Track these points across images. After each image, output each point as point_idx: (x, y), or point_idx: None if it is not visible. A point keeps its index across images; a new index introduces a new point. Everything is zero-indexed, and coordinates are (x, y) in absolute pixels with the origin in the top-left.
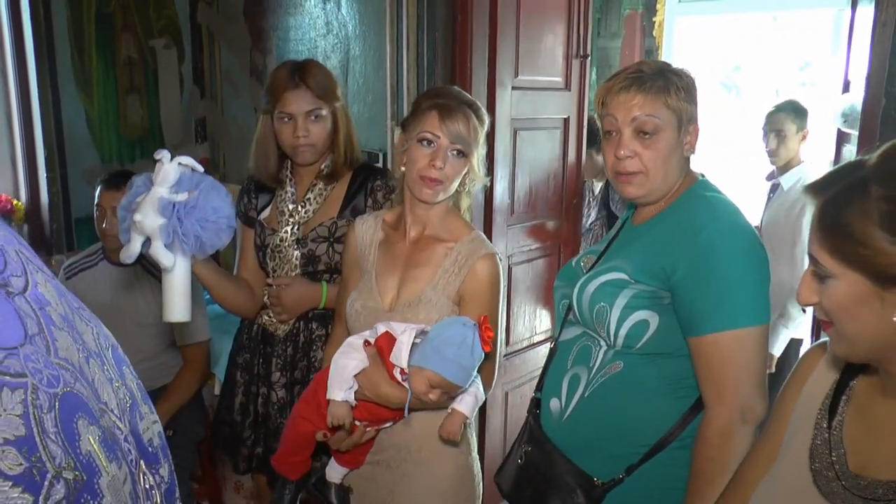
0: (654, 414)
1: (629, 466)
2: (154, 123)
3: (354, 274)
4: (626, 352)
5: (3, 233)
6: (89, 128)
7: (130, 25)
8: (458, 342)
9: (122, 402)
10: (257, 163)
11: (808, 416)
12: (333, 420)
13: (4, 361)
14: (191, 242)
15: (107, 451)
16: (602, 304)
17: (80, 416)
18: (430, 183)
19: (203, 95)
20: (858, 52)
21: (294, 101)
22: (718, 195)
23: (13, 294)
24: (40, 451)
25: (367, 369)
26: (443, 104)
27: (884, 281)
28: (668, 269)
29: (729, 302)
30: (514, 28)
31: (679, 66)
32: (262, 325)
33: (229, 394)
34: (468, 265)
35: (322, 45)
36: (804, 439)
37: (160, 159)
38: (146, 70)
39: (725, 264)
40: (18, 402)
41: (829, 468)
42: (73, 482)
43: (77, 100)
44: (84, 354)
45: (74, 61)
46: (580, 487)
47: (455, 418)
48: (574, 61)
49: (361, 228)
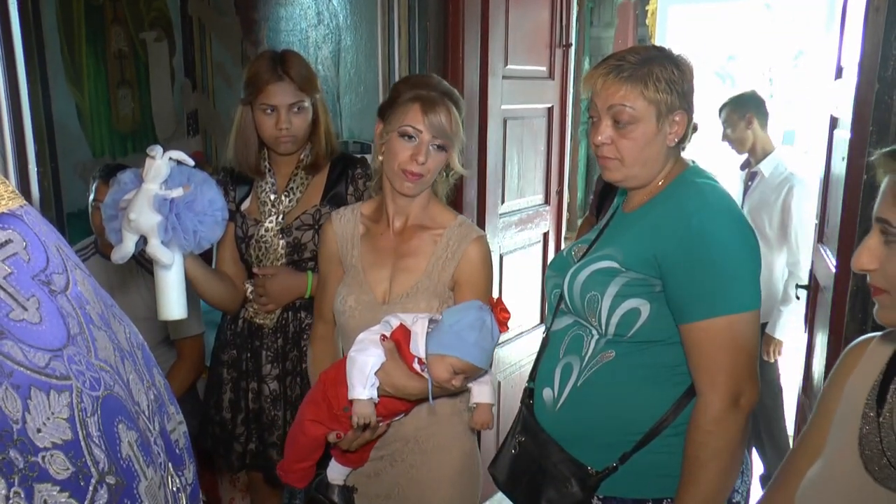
0: (646, 402)
1: (623, 454)
2: (146, 117)
3: (335, 270)
4: (617, 340)
5: (44, 228)
6: (80, 122)
7: (121, 18)
8: (478, 326)
9: (152, 403)
10: (237, 154)
11: (856, 407)
12: (360, 419)
13: (50, 364)
14: (190, 238)
15: (144, 455)
16: (593, 293)
17: (119, 419)
18: (411, 177)
19: (195, 88)
20: (851, 37)
21: (277, 93)
22: (709, 181)
23: (56, 293)
24: (85, 455)
25: (386, 364)
26: (425, 96)
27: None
28: (659, 257)
29: (720, 288)
30: (504, 17)
31: (677, 53)
32: (248, 319)
33: (216, 392)
34: (461, 250)
35: (313, 35)
36: (852, 429)
37: (153, 155)
38: (137, 63)
39: (716, 250)
40: (65, 406)
41: (881, 455)
42: (115, 487)
43: (68, 93)
44: (119, 355)
45: (64, 55)
46: (574, 476)
47: (484, 410)
48: (557, 50)
49: (339, 223)
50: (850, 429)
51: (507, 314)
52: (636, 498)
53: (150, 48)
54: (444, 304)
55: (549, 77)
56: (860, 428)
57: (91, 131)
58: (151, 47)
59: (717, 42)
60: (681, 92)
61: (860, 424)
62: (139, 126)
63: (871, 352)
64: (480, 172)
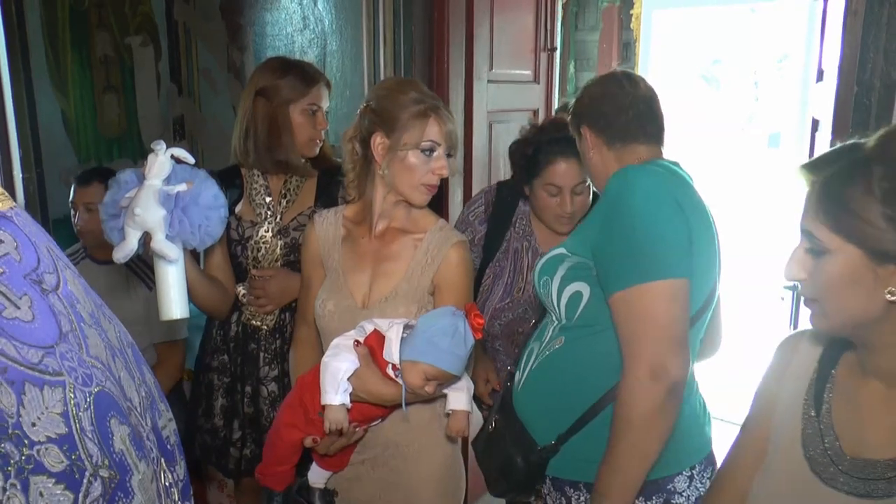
0: (585, 388)
1: (559, 435)
2: (132, 122)
3: (317, 273)
4: (567, 325)
5: (34, 229)
6: (66, 127)
7: (106, 23)
8: (451, 332)
9: (143, 400)
10: (274, 152)
11: (794, 407)
12: (332, 425)
13: (43, 360)
14: (196, 233)
15: (136, 449)
16: (545, 278)
17: (112, 414)
18: (431, 189)
19: (181, 93)
20: (831, 41)
21: (323, 96)
22: (643, 165)
23: (47, 292)
24: (79, 449)
25: (359, 370)
26: (435, 107)
27: (880, 257)
28: (591, 238)
29: (630, 258)
30: (489, 21)
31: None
32: (245, 322)
33: (205, 399)
34: (441, 254)
35: (299, 40)
36: (794, 430)
37: (157, 150)
38: (123, 68)
39: (627, 221)
40: (59, 401)
41: (824, 454)
42: (109, 481)
43: (53, 99)
44: (110, 352)
45: (49, 59)
46: (522, 451)
47: (459, 417)
48: (542, 54)
49: (321, 226)
50: (792, 429)
51: (481, 320)
52: (573, 480)
53: (135, 53)
54: (422, 309)
55: (535, 81)
56: (802, 429)
57: (76, 137)
58: (137, 52)
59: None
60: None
61: (802, 425)
62: (125, 131)
63: (804, 349)
64: (466, 175)
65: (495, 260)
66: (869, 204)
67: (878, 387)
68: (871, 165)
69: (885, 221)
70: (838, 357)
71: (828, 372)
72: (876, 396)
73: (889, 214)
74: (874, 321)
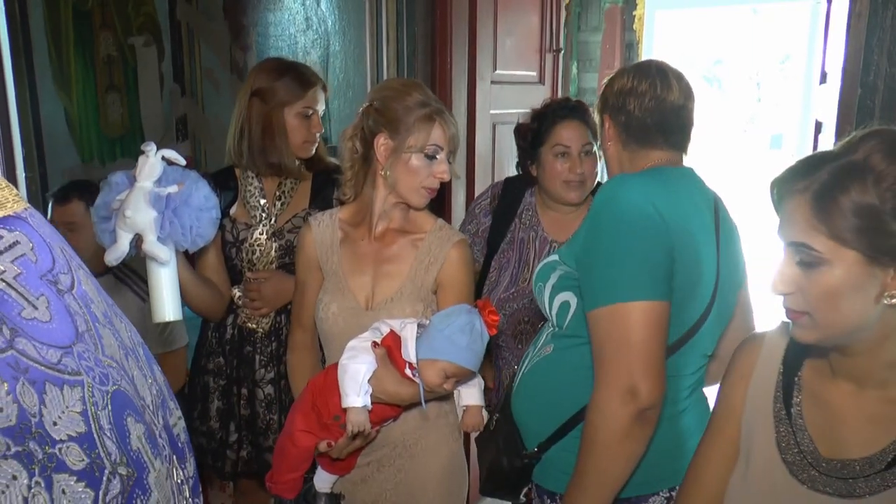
0: (567, 397)
1: (539, 444)
2: (135, 122)
3: (313, 276)
4: (558, 333)
5: (48, 230)
6: (69, 127)
7: (109, 23)
8: (468, 330)
9: (155, 398)
10: (268, 154)
11: (764, 411)
12: (355, 427)
13: (62, 360)
14: (187, 234)
15: (151, 447)
16: (540, 284)
17: (128, 413)
18: (431, 192)
19: (184, 93)
20: (835, 43)
21: (319, 99)
22: (638, 176)
23: (63, 292)
24: (98, 447)
25: (377, 371)
26: (440, 110)
27: (881, 257)
28: (576, 249)
29: (606, 276)
30: (493, 21)
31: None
32: (241, 325)
33: (201, 402)
34: (443, 253)
35: (302, 40)
36: (767, 434)
37: (147, 152)
38: (126, 68)
39: (606, 238)
40: (78, 400)
41: (801, 457)
42: (127, 478)
43: (56, 98)
44: (123, 351)
45: (52, 59)
46: (508, 455)
47: (474, 412)
48: (547, 55)
49: (318, 229)
50: (765, 433)
51: (496, 317)
52: (551, 491)
53: (138, 53)
54: (427, 307)
55: (540, 82)
56: (775, 429)
57: (79, 136)
58: (140, 52)
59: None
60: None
61: (774, 426)
62: (128, 131)
63: (766, 350)
64: (469, 177)
65: (500, 252)
66: (869, 205)
67: (848, 388)
68: (864, 168)
69: (889, 220)
70: (801, 360)
71: (793, 375)
72: (847, 397)
73: (891, 212)
74: (864, 328)
